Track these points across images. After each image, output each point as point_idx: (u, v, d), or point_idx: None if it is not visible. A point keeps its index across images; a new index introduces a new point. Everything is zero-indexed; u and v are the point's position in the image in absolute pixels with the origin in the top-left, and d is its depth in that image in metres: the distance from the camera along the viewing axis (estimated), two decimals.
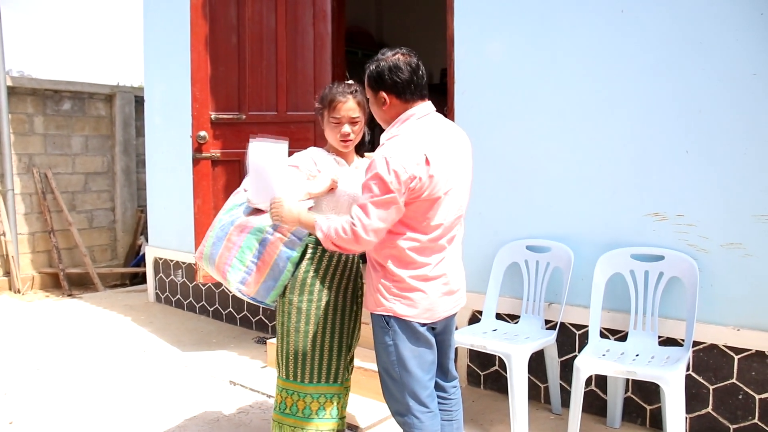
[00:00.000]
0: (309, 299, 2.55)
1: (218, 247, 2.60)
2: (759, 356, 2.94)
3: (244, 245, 2.55)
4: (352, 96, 2.55)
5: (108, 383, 3.94)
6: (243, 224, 2.58)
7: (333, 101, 2.54)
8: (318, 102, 2.65)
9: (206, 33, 4.26)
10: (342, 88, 2.58)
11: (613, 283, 3.26)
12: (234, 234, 2.58)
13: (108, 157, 7.49)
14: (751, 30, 2.90)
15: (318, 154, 2.64)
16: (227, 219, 2.63)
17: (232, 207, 2.67)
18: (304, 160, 2.59)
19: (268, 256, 2.54)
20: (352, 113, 2.55)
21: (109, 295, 6.52)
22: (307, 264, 2.57)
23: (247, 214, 2.61)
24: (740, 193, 2.95)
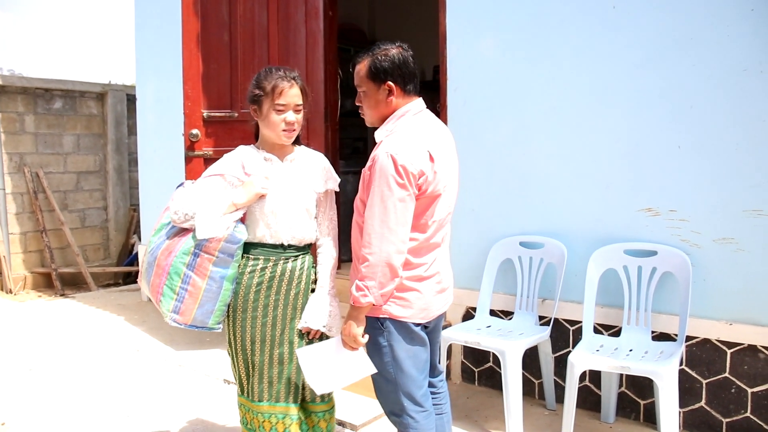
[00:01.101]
0: (253, 316, 2.40)
1: (150, 272, 2.39)
2: (751, 350, 2.95)
3: (171, 271, 2.33)
4: (295, 82, 2.38)
5: (101, 383, 3.93)
6: (169, 247, 2.36)
7: (277, 87, 2.33)
8: (254, 88, 2.39)
9: (198, 30, 4.24)
10: (282, 72, 2.38)
11: (606, 278, 3.27)
12: (162, 258, 2.36)
13: (100, 156, 7.46)
14: (742, 26, 2.91)
15: (248, 155, 2.44)
16: (156, 241, 2.43)
17: (159, 227, 2.47)
18: (231, 166, 2.41)
19: (199, 279, 2.32)
20: (297, 99, 2.37)
21: (102, 295, 6.50)
22: (249, 278, 2.39)
23: (172, 235, 2.40)
24: (732, 189, 2.96)
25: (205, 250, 2.31)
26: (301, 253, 2.48)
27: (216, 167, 2.42)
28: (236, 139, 4.21)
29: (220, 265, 2.33)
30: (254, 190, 2.33)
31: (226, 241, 2.30)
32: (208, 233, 2.28)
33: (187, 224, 2.34)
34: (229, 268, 2.34)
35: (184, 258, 2.32)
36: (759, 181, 2.90)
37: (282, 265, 2.42)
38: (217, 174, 2.39)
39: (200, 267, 2.32)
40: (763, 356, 2.92)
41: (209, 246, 2.30)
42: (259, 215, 2.37)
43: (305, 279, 2.48)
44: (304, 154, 2.53)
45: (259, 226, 2.39)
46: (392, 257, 2.10)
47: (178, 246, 2.34)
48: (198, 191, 2.37)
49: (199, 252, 2.32)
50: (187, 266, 2.32)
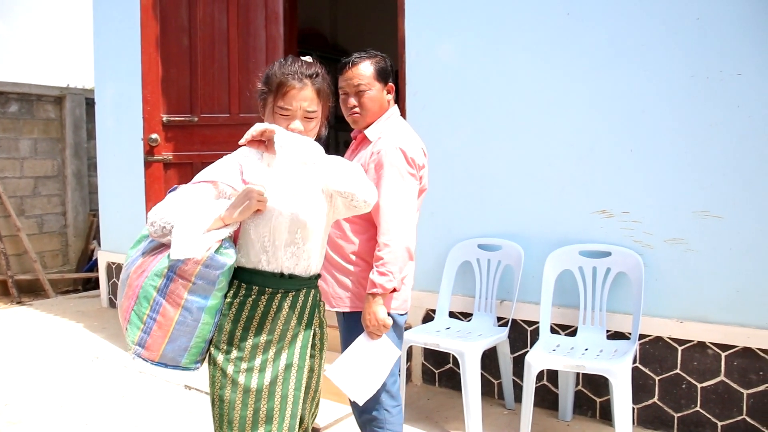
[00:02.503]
0: (238, 357, 1.89)
1: (122, 291, 1.96)
2: (700, 347, 3.05)
3: (141, 294, 1.88)
4: (310, 81, 1.93)
5: (58, 392, 3.87)
6: (142, 265, 1.92)
7: (283, 85, 1.91)
8: (262, 83, 2.00)
9: (157, 34, 4.22)
10: (297, 66, 1.93)
11: (562, 279, 3.34)
12: (134, 278, 1.92)
13: (58, 161, 7.34)
14: (689, 34, 3.00)
15: (248, 159, 1.97)
16: (133, 255, 1.99)
17: (139, 239, 2.03)
18: (227, 171, 1.95)
19: (171, 308, 1.85)
20: (308, 105, 1.92)
21: (61, 302, 6.40)
22: (236, 310, 1.91)
23: (149, 251, 1.95)
24: (682, 191, 3.06)
25: (180, 274, 1.85)
26: (304, 286, 1.99)
27: (208, 172, 1.97)
28: (196, 143, 4.23)
29: (197, 294, 1.87)
30: (249, 205, 1.85)
31: (204, 265, 1.83)
32: (183, 253, 1.82)
33: (164, 239, 1.88)
34: (209, 298, 1.88)
35: (156, 280, 1.87)
36: (707, 184, 2.99)
37: (279, 299, 1.94)
38: (207, 180, 1.93)
39: (173, 293, 1.86)
40: (711, 352, 3.02)
41: (185, 269, 1.84)
42: (255, 235, 1.91)
43: (307, 318, 2.00)
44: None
45: (254, 248, 1.92)
46: (410, 242, 2.27)
47: (151, 265, 1.90)
48: (181, 199, 1.90)
49: (172, 275, 1.86)
50: (158, 291, 1.87)
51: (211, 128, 4.22)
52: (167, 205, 1.89)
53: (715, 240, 2.99)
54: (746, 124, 2.90)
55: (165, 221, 1.86)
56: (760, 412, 2.92)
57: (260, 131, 1.80)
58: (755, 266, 2.91)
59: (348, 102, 2.44)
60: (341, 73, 2.55)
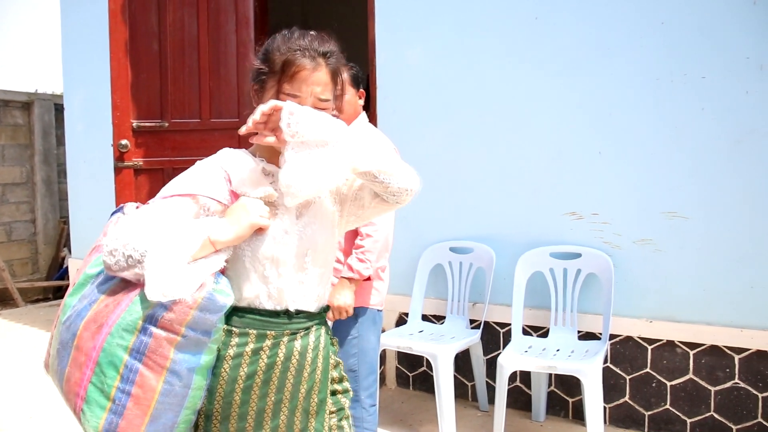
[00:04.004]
0: (240, 428, 1.49)
1: (64, 359, 1.42)
2: (669, 345, 3.09)
3: (102, 359, 1.36)
4: (324, 61, 1.53)
5: (27, 402, 3.81)
6: (98, 317, 1.39)
7: (290, 64, 1.49)
8: (259, 60, 1.57)
9: (126, 39, 4.17)
10: (307, 41, 1.54)
11: (533, 281, 3.37)
12: (86, 337, 1.39)
13: (27, 167, 7.23)
14: (654, 37, 3.05)
15: (236, 164, 1.53)
16: (75, 305, 1.45)
17: (82, 281, 1.49)
18: (209, 180, 1.49)
19: (151, 374, 1.36)
20: (322, 91, 1.52)
21: (30, 311, 6.30)
22: (233, 367, 1.48)
23: (105, 292, 1.43)
24: (649, 192, 3.10)
25: (163, 325, 1.36)
26: (314, 323, 1.59)
27: (183, 182, 1.50)
28: (167, 149, 4.19)
29: (187, 350, 1.39)
30: (248, 220, 1.44)
31: (199, 309, 1.37)
32: (167, 293, 1.34)
33: (129, 274, 1.38)
34: (202, 353, 1.41)
35: (126, 338, 1.37)
36: (674, 185, 3.04)
37: (286, 344, 1.52)
38: (184, 193, 1.46)
39: (154, 353, 1.36)
40: (680, 351, 3.07)
41: (170, 318, 1.36)
42: (251, 263, 1.49)
43: (322, 364, 1.60)
44: None
45: (249, 280, 1.50)
46: (390, 235, 2.38)
47: (113, 315, 1.38)
48: (151, 219, 1.41)
49: (152, 327, 1.36)
50: (132, 352, 1.36)
51: (181, 134, 4.19)
52: (132, 228, 1.39)
53: (683, 240, 3.04)
54: (710, 126, 2.95)
55: (131, 248, 1.35)
56: (727, 408, 2.97)
57: (272, 107, 1.42)
58: (721, 265, 2.96)
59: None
60: None
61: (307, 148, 1.41)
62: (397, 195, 1.55)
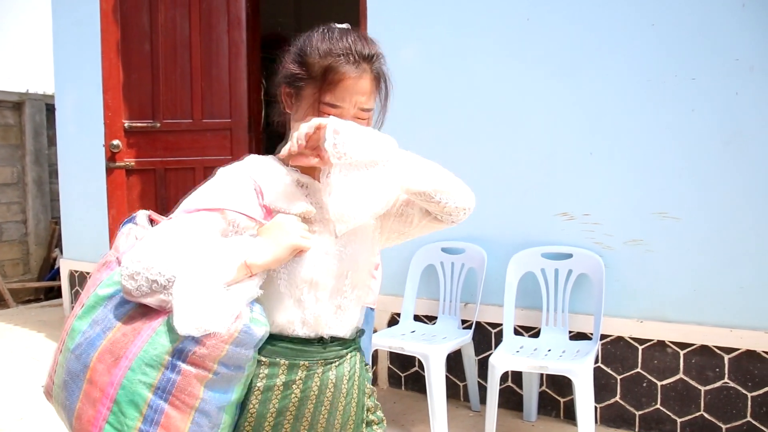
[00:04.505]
0: None
1: (74, 393, 1.25)
2: (660, 345, 3.11)
3: (121, 397, 1.20)
4: (369, 66, 1.41)
5: (18, 404, 3.80)
6: (115, 348, 1.23)
7: (333, 72, 1.35)
8: (294, 62, 1.40)
9: (118, 39, 4.17)
10: (350, 42, 1.39)
11: (525, 281, 3.38)
12: (102, 370, 1.22)
13: (18, 168, 7.20)
14: (645, 38, 3.07)
15: (267, 174, 1.37)
16: (86, 331, 1.27)
17: (93, 303, 1.30)
18: (238, 193, 1.32)
19: (178, 414, 1.22)
20: (366, 101, 1.41)
21: (22, 311, 6.27)
22: (262, 402, 1.32)
23: (121, 318, 1.26)
24: (640, 192, 3.12)
25: (194, 362, 1.21)
26: (349, 350, 1.46)
27: (208, 194, 1.32)
28: (158, 149, 4.19)
29: (218, 388, 1.25)
30: (289, 242, 1.28)
31: (235, 343, 1.22)
32: (201, 326, 1.18)
33: (153, 300, 1.21)
34: (233, 390, 1.27)
35: (150, 374, 1.21)
36: (664, 185, 3.06)
37: (321, 376, 1.38)
38: (211, 208, 1.29)
39: (182, 393, 1.21)
40: (670, 350, 3.08)
41: (202, 354, 1.21)
42: (287, 287, 1.35)
43: (357, 395, 1.48)
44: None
45: (283, 305, 1.35)
46: None
47: (134, 347, 1.22)
48: (177, 238, 1.24)
49: (180, 364, 1.21)
50: (156, 391, 1.20)
51: (173, 134, 4.19)
52: (155, 248, 1.21)
53: (673, 240, 3.05)
54: (700, 127, 2.97)
55: (156, 272, 1.18)
56: (717, 408, 2.99)
57: (316, 126, 1.27)
58: (710, 265, 2.98)
59: None
60: None
61: (354, 170, 1.30)
62: (453, 214, 1.47)
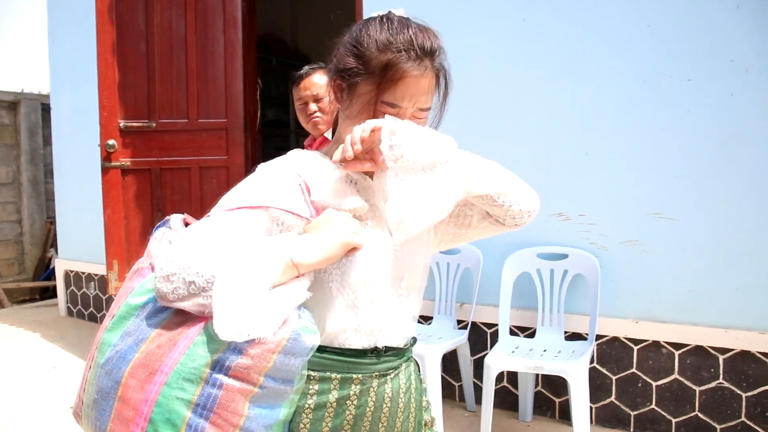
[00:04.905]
0: None
1: (105, 412, 1.12)
2: (655, 346, 3.11)
3: (157, 416, 1.07)
4: (431, 62, 1.31)
5: (13, 403, 3.79)
6: (149, 361, 1.10)
7: (394, 69, 1.23)
8: (350, 54, 1.27)
9: (113, 39, 4.16)
10: (411, 33, 1.27)
11: (520, 281, 3.38)
12: (134, 386, 1.09)
13: (13, 167, 7.19)
14: (641, 40, 3.07)
15: (312, 169, 1.26)
16: (117, 344, 1.14)
17: (124, 314, 1.17)
18: (282, 190, 1.21)
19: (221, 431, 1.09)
20: (425, 101, 1.33)
21: (17, 311, 6.26)
22: (313, 424, 1.20)
23: (156, 328, 1.13)
24: (636, 193, 3.12)
25: (238, 374, 1.08)
26: (403, 360, 1.35)
27: (251, 191, 1.21)
28: (154, 149, 4.18)
29: (265, 404, 1.11)
30: (340, 238, 1.16)
31: (283, 352, 1.09)
32: (244, 330, 1.05)
33: (190, 305, 1.09)
34: (281, 406, 1.14)
35: (188, 389, 1.08)
36: (660, 186, 3.06)
37: (377, 390, 1.26)
38: (254, 205, 1.18)
39: (225, 410, 1.08)
40: (665, 351, 3.09)
41: (246, 365, 1.08)
42: (339, 290, 1.23)
43: (415, 409, 1.37)
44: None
45: (334, 311, 1.23)
46: None
47: (170, 359, 1.09)
48: (216, 236, 1.13)
49: (222, 377, 1.08)
50: (195, 408, 1.08)
51: (169, 134, 4.18)
52: (193, 247, 1.09)
53: (668, 241, 3.06)
54: (695, 128, 2.98)
55: (194, 272, 1.06)
56: (712, 408, 3.00)
57: (371, 129, 1.17)
58: (706, 266, 2.99)
59: (308, 109, 2.59)
60: (296, 85, 2.68)
61: (412, 174, 1.19)
62: (517, 218, 1.37)
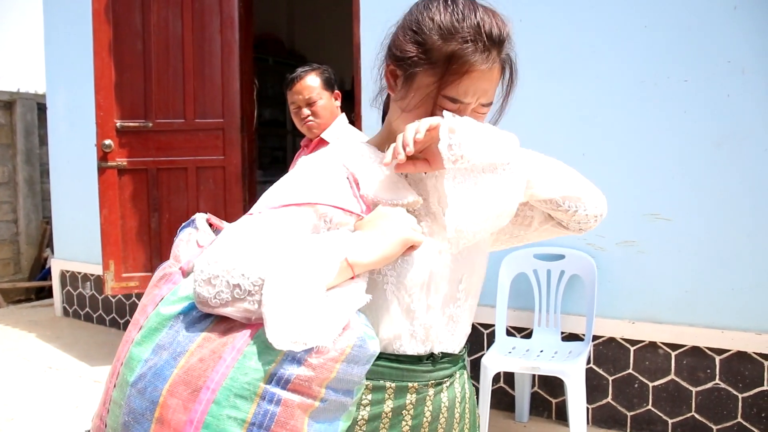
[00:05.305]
0: None
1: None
2: (651, 347, 3.12)
3: None
4: (497, 53, 1.17)
5: (8, 404, 3.78)
6: (191, 377, 0.95)
7: (460, 62, 1.11)
8: (410, 41, 1.15)
9: (110, 39, 4.16)
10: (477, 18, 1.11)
11: (517, 282, 3.38)
12: (173, 405, 0.95)
13: (9, 167, 7.17)
14: (637, 40, 3.08)
15: (362, 159, 1.18)
16: (150, 360, 1.00)
17: (158, 324, 1.02)
18: (330, 185, 1.11)
19: None
20: (489, 96, 1.23)
21: (12, 311, 6.24)
22: None
23: (195, 339, 0.99)
24: (632, 194, 3.13)
25: (298, 388, 0.95)
26: (457, 367, 1.26)
27: (296, 186, 1.11)
28: (151, 149, 4.18)
29: (324, 418, 0.99)
30: (399, 235, 1.04)
31: (347, 361, 0.97)
32: (303, 338, 0.93)
33: (234, 311, 0.97)
34: (340, 419, 1.01)
35: (242, 407, 0.94)
36: (656, 187, 3.07)
37: (433, 399, 1.18)
38: (301, 202, 1.07)
39: (283, 427, 0.94)
40: (662, 352, 3.09)
41: (307, 376, 0.95)
42: (394, 292, 1.12)
43: (470, 420, 1.29)
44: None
45: (389, 315, 1.12)
46: None
47: (215, 374, 0.95)
48: (262, 235, 1.01)
49: (279, 392, 0.95)
50: (251, 428, 0.94)
51: (166, 134, 4.18)
52: (236, 246, 0.98)
53: (665, 242, 3.06)
54: (692, 129, 2.98)
55: (239, 274, 0.94)
56: (708, 409, 3.00)
57: (427, 129, 1.06)
58: (702, 267, 2.99)
59: (301, 113, 2.66)
60: (289, 88, 2.70)
61: (472, 176, 1.07)
62: (582, 222, 1.27)
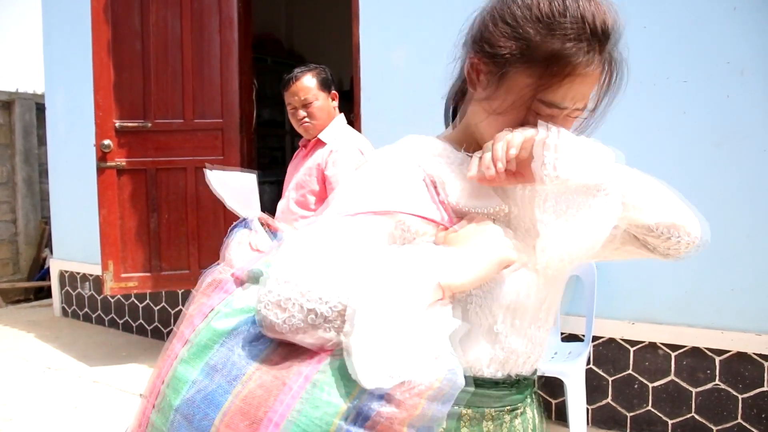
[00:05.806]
0: None
1: None
2: (651, 347, 3.12)
3: None
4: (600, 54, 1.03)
5: (6, 404, 3.77)
6: (251, 407, 0.82)
7: (564, 62, 0.96)
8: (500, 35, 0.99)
9: (109, 39, 4.15)
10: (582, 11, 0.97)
11: None
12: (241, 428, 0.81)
13: (8, 167, 7.16)
14: (636, 41, 3.07)
15: (441, 162, 1.08)
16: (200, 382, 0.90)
17: (209, 341, 0.92)
18: (409, 192, 1.01)
19: None
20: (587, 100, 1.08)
21: (11, 312, 6.24)
22: None
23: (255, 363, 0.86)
24: None
25: (377, 425, 0.80)
26: (529, 391, 1.16)
27: (371, 191, 1.01)
28: (150, 149, 4.17)
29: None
30: (497, 255, 0.93)
31: (432, 397, 0.82)
32: (396, 371, 0.80)
33: (308, 337, 0.83)
34: None
35: (325, 423, 0.80)
36: None
37: (509, 425, 1.09)
38: (378, 211, 0.96)
39: None
40: (661, 352, 3.09)
41: (390, 414, 0.80)
42: (479, 314, 1.00)
43: None
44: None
45: (471, 338, 1.01)
46: None
47: (281, 405, 0.82)
48: (341, 250, 0.89)
49: (357, 430, 0.80)
50: None
51: (165, 134, 4.18)
52: (311, 264, 0.85)
53: None
54: (691, 130, 2.98)
55: (316, 297, 0.82)
56: (708, 409, 3.00)
57: (522, 143, 0.95)
58: (702, 267, 2.99)
59: (297, 114, 2.66)
60: (286, 89, 2.71)
61: (565, 198, 0.97)
62: (673, 249, 1.11)
